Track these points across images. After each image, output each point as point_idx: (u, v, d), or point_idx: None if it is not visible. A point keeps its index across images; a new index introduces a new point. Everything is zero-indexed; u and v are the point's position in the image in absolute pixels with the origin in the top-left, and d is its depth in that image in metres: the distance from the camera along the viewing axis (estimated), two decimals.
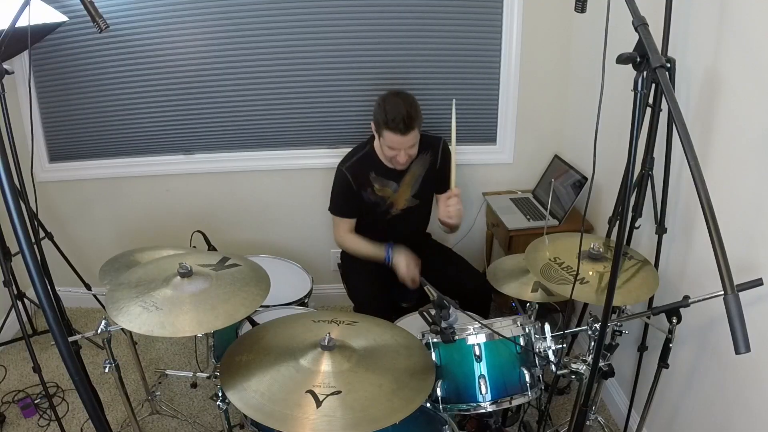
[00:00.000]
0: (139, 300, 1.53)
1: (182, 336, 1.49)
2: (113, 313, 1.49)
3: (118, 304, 1.52)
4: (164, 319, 1.46)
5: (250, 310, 1.55)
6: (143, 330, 1.43)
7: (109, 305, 1.52)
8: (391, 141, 2.17)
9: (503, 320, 1.67)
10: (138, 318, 1.46)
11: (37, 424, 2.35)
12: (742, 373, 1.60)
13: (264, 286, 1.66)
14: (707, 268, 1.72)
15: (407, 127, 2.12)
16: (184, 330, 1.45)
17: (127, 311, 1.49)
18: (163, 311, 1.49)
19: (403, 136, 2.14)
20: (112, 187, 2.93)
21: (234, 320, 1.49)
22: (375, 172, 2.35)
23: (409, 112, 2.11)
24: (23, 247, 0.89)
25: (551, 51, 2.69)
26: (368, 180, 2.36)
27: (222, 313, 1.50)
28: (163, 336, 1.46)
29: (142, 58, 2.64)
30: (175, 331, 1.44)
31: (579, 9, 1.50)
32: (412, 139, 2.17)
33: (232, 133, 2.84)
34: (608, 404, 2.43)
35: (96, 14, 1.70)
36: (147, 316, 1.47)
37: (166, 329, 1.44)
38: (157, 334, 1.42)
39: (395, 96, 2.17)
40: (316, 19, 2.60)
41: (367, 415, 1.28)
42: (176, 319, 1.47)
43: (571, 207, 2.57)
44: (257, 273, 1.74)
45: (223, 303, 1.54)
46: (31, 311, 2.70)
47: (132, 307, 1.51)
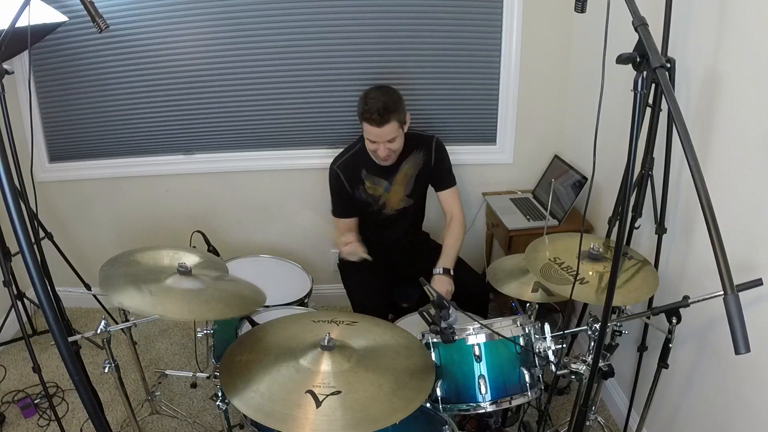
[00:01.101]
0: (135, 284, 1.55)
1: (171, 317, 1.52)
2: (107, 290, 1.51)
3: (112, 280, 1.55)
4: (156, 301, 1.48)
5: (243, 313, 1.55)
6: (133, 306, 1.46)
7: (102, 283, 1.54)
8: (369, 133, 2.20)
9: (503, 320, 1.67)
10: (131, 297, 1.49)
11: (37, 424, 2.35)
12: (742, 373, 1.60)
13: (260, 299, 1.68)
14: (707, 268, 1.72)
15: (382, 119, 2.13)
16: (173, 312, 1.48)
17: (122, 290, 1.51)
18: (157, 297, 1.51)
19: (378, 128, 2.15)
20: (112, 187, 2.93)
21: (226, 316, 1.50)
22: (366, 169, 2.36)
23: (386, 104, 2.13)
24: (23, 247, 0.89)
25: (551, 51, 2.69)
26: (360, 177, 2.36)
27: (214, 307, 1.51)
28: (153, 314, 1.48)
29: (142, 58, 2.64)
30: (165, 311, 1.47)
31: (579, 9, 1.50)
32: (390, 132, 2.18)
33: (232, 133, 2.84)
34: (608, 404, 2.43)
35: (96, 14, 1.70)
36: (140, 297, 1.49)
37: (156, 308, 1.46)
38: (147, 311, 1.45)
39: (377, 89, 2.20)
40: (316, 19, 2.60)
41: (367, 415, 1.28)
42: (168, 302, 1.50)
43: (571, 207, 2.57)
44: (252, 290, 1.75)
45: (217, 301, 1.55)
46: (31, 311, 2.70)
47: (127, 287, 1.53)
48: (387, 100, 2.14)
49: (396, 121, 2.17)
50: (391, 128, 2.17)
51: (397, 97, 2.20)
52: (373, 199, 2.40)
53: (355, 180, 2.36)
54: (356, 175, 2.36)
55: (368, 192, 2.38)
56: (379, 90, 2.19)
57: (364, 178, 2.36)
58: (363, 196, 2.39)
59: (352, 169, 2.36)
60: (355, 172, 2.36)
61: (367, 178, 2.36)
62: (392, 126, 2.17)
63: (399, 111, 2.18)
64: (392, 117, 2.15)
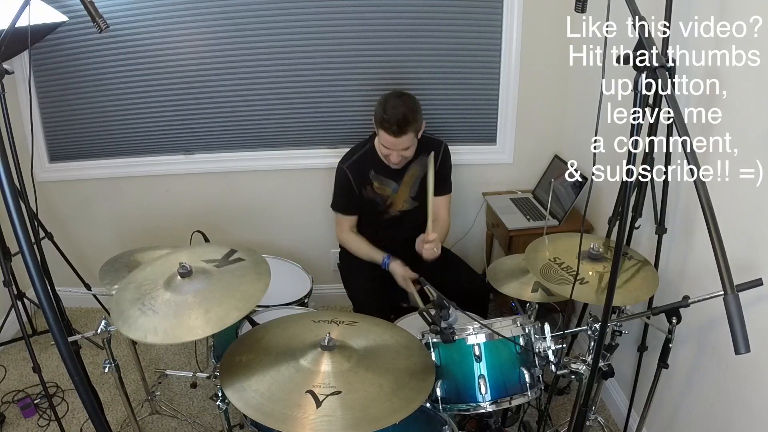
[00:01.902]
0: (138, 303, 1.52)
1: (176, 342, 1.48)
2: (117, 320, 1.48)
3: (120, 306, 1.52)
4: (158, 325, 1.45)
5: (242, 314, 1.54)
6: (139, 337, 1.43)
7: (112, 307, 1.52)
8: (384, 140, 2.19)
9: (503, 320, 1.67)
10: (135, 323, 1.46)
11: (37, 424, 2.35)
12: (742, 373, 1.60)
13: (262, 286, 1.63)
14: (707, 268, 1.71)
15: (400, 130, 2.12)
16: (176, 337, 1.44)
17: (126, 315, 1.48)
18: (159, 315, 1.47)
19: (395, 138, 2.15)
20: (112, 187, 2.92)
21: (223, 326, 1.49)
22: (375, 170, 2.36)
23: (406, 116, 2.11)
24: (23, 247, 0.89)
25: (551, 51, 2.69)
26: (368, 178, 2.36)
27: (213, 316, 1.49)
28: (155, 343, 1.45)
29: (142, 58, 2.64)
30: (167, 339, 1.43)
31: (579, 9, 1.51)
32: (406, 142, 2.18)
33: (232, 133, 2.83)
34: (608, 404, 2.43)
35: (96, 14, 1.70)
36: (144, 322, 1.46)
37: (158, 336, 1.42)
38: (150, 341, 1.42)
39: (398, 97, 2.18)
40: (316, 19, 2.60)
41: (367, 415, 1.28)
42: (170, 324, 1.46)
43: (571, 207, 2.57)
44: (259, 269, 1.72)
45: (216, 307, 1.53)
46: (31, 311, 2.70)
47: (131, 310, 1.49)
48: (407, 111, 2.12)
49: (413, 132, 2.17)
50: (407, 138, 2.17)
51: (417, 107, 2.19)
52: (381, 198, 2.40)
53: (363, 180, 2.36)
54: (365, 176, 2.36)
55: (376, 191, 2.38)
56: (400, 99, 2.16)
57: (372, 179, 2.36)
58: (371, 195, 2.39)
59: (361, 169, 2.36)
60: (364, 173, 2.36)
61: (376, 179, 2.36)
62: (409, 136, 2.17)
63: (417, 121, 2.18)
64: (410, 128, 2.14)
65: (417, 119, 2.18)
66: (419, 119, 2.20)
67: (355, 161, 2.36)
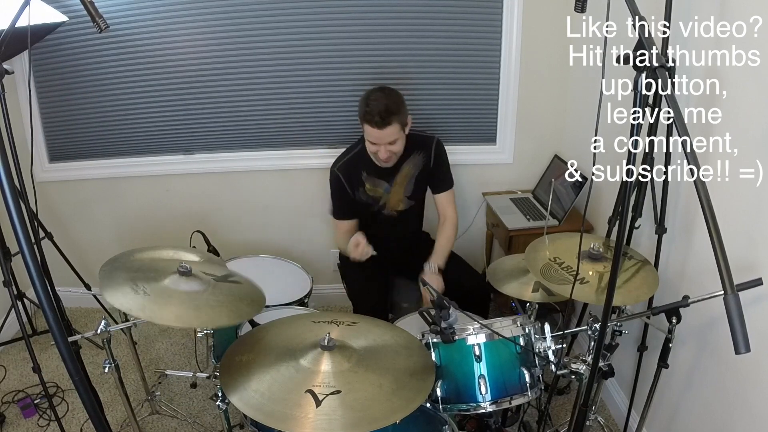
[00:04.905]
0: (132, 283, 1.55)
1: (160, 323, 1.52)
2: (106, 289, 1.51)
3: (113, 274, 1.56)
4: (146, 304, 1.48)
5: (231, 323, 1.55)
6: (124, 308, 1.47)
7: (103, 280, 1.55)
8: (369, 134, 2.18)
9: (503, 320, 1.67)
10: (124, 297, 1.49)
11: (37, 424, 2.35)
12: (742, 373, 1.60)
13: (252, 311, 1.67)
14: (707, 268, 1.71)
15: (384, 121, 2.11)
16: (161, 318, 1.49)
17: (117, 289, 1.51)
18: (150, 297, 1.51)
19: (379, 130, 2.14)
20: (112, 187, 2.92)
21: (214, 325, 1.50)
22: (366, 171, 2.35)
23: (388, 107, 2.11)
24: (23, 247, 0.89)
25: (551, 51, 2.68)
26: (360, 179, 2.36)
27: (204, 314, 1.51)
28: (140, 318, 1.49)
29: (142, 58, 2.64)
30: (153, 317, 1.47)
31: (579, 9, 1.51)
32: (391, 134, 2.16)
33: (232, 133, 2.83)
34: (608, 404, 2.43)
35: (96, 14, 1.70)
36: (133, 298, 1.49)
37: (144, 312, 1.46)
38: (135, 314, 1.46)
39: (379, 91, 2.18)
40: (316, 19, 2.60)
41: (367, 415, 1.28)
42: (159, 307, 1.50)
43: (571, 207, 2.57)
44: (254, 296, 1.73)
45: (210, 308, 1.54)
46: (31, 311, 2.70)
47: (123, 286, 1.53)
48: (389, 102, 2.12)
49: (397, 123, 2.16)
50: (392, 130, 2.16)
51: (399, 99, 2.19)
52: (374, 200, 2.40)
53: (355, 182, 2.36)
54: (356, 177, 2.36)
55: (368, 194, 2.38)
56: (381, 92, 2.17)
57: (364, 180, 2.36)
58: (363, 197, 2.39)
59: (353, 171, 2.35)
60: (355, 174, 2.35)
61: (367, 180, 2.36)
62: (394, 128, 2.16)
63: (401, 113, 2.17)
64: (394, 119, 2.14)
65: (401, 111, 2.17)
66: (403, 111, 2.19)
67: (345, 163, 2.36)
